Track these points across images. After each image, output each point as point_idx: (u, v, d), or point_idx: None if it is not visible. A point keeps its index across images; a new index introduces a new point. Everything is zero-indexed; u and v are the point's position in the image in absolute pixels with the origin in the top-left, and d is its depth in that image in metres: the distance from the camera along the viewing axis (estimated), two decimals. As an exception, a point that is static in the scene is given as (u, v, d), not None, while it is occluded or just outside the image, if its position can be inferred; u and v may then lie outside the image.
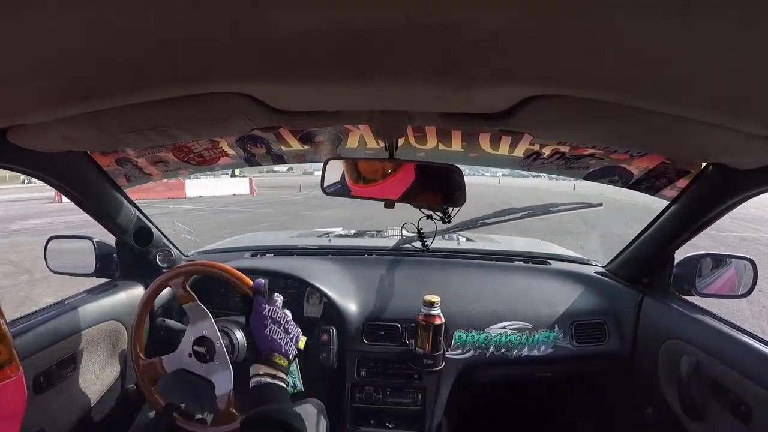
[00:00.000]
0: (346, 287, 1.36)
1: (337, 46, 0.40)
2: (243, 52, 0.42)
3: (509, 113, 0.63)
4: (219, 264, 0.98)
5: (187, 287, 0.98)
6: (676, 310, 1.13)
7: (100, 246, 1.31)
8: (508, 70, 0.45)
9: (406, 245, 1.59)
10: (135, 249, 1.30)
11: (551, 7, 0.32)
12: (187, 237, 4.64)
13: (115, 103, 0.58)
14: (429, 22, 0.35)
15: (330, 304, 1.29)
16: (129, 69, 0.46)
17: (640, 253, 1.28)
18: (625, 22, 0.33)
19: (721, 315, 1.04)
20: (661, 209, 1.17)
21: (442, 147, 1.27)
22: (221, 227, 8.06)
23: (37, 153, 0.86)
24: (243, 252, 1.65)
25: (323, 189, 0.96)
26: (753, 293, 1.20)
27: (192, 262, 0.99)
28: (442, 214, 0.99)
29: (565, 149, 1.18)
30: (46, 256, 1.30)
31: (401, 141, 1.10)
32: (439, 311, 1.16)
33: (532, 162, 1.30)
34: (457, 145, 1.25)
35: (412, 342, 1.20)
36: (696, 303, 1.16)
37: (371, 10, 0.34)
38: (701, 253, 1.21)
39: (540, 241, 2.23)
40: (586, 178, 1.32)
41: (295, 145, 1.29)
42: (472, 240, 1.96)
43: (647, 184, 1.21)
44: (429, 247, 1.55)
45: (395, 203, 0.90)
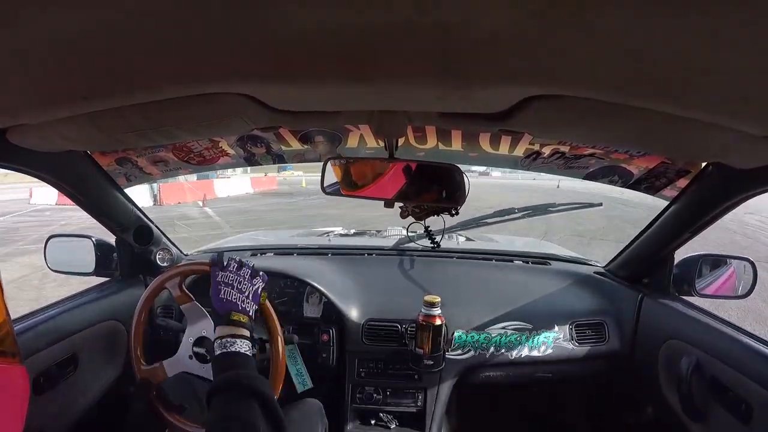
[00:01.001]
0: (346, 287, 1.36)
1: (337, 46, 0.40)
2: (243, 52, 0.42)
3: (509, 113, 0.63)
4: (178, 266, 0.99)
5: (183, 288, 0.98)
6: (676, 310, 1.13)
7: (100, 245, 1.31)
8: (508, 70, 0.45)
9: (411, 244, 1.59)
10: (135, 248, 1.30)
11: (551, 7, 0.32)
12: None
13: (115, 103, 0.57)
14: (429, 22, 0.35)
15: (330, 304, 1.29)
16: (129, 69, 0.46)
17: (640, 253, 1.28)
18: (625, 22, 0.33)
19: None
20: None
21: (442, 147, 1.27)
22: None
23: (37, 153, 0.86)
24: (243, 251, 1.65)
25: (323, 189, 0.96)
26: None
27: (187, 263, 0.99)
28: (447, 211, 0.99)
29: (565, 149, 1.18)
30: (45, 255, 1.30)
31: (401, 141, 1.10)
32: (439, 311, 1.16)
33: (532, 162, 1.30)
34: (457, 145, 1.25)
35: (412, 342, 1.20)
36: (696, 303, 1.16)
37: (371, 10, 0.34)
38: (701, 253, 1.21)
39: (540, 241, 2.24)
40: (586, 178, 1.32)
41: (295, 145, 1.29)
42: (472, 240, 1.96)
43: (647, 184, 1.21)
44: (440, 244, 1.56)
45: (395, 203, 0.90)
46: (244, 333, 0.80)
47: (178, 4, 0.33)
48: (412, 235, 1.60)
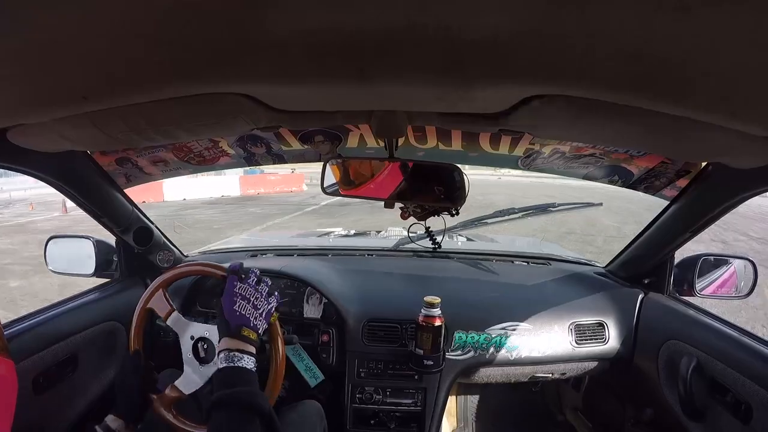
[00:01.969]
0: (346, 287, 1.35)
1: (337, 46, 0.40)
2: (243, 52, 0.42)
3: (509, 113, 0.63)
4: (190, 263, 0.97)
5: (167, 297, 0.94)
6: (676, 310, 1.13)
7: (100, 246, 1.31)
8: (508, 70, 0.45)
9: (412, 244, 1.59)
10: (135, 249, 1.30)
11: (551, 7, 0.32)
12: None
13: (115, 103, 0.57)
14: (429, 22, 0.35)
15: (330, 304, 1.29)
16: (129, 69, 0.46)
17: (640, 253, 1.28)
18: (625, 22, 0.33)
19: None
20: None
21: (442, 147, 1.27)
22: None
23: (37, 153, 0.86)
24: (243, 252, 1.65)
25: (323, 189, 0.96)
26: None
27: (197, 263, 0.97)
28: (447, 211, 0.99)
29: (565, 149, 1.18)
30: (45, 256, 1.30)
31: (401, 141, 1.10)
32: (439, 312, 1.16)
33: (532, 162, 1.30)
34: (457, 144, 1.25)
35: (412, 343, 1.20)
36: (695, 303, 1.16)
37: (371, 11, 0.34)
38: (701, 253, 1.21)
39: (540, 241, 2.24)
40: (586, 178, 1.32)
41: (295, 145, 1.29)
42: (472, 240, 1.96)
43: (647, 183, 1.21)
44: (440, 245, 1.56)
45: (395, 203, 0.90)
46: (251, 350, 0.80)
47: (177, 4, 0.33)
48: (412, 235, 1.60)
